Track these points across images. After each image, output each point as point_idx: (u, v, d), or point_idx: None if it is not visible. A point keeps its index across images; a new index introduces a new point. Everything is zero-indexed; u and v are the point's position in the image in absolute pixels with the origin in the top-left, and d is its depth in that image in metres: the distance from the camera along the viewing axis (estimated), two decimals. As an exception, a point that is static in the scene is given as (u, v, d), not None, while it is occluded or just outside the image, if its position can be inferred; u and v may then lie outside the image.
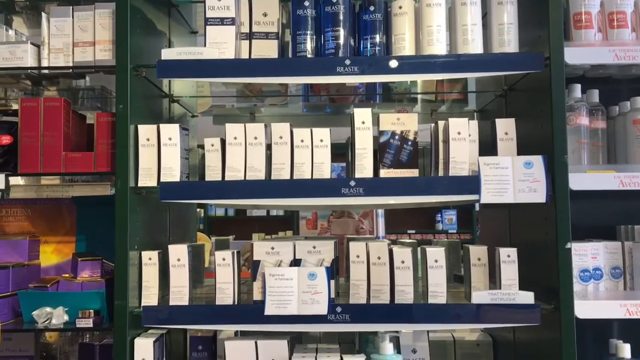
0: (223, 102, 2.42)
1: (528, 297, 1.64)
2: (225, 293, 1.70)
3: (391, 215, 5.81)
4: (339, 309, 1.66)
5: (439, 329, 1.76)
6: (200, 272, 2.10)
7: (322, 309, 1.66)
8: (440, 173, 1.74)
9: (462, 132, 1.70)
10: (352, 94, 2.34)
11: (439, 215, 7.01)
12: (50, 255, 1.99)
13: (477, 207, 6.89)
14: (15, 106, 1.92)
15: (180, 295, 1.71)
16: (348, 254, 1.93)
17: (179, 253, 1.73)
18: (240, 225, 6.83)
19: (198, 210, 5.82)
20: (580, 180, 1.64)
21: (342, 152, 1.94)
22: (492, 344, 2.15)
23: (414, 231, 6.75)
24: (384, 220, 5.36)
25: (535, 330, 1.69)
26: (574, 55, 1.66)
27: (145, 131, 1.74)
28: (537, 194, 1.64)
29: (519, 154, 1.71)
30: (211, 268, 2.21)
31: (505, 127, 1.73)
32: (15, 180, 2.41)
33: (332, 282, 1.69)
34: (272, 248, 1.72)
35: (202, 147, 2.01)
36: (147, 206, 1.83)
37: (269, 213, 7.03)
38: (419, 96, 2.37)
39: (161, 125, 1.75)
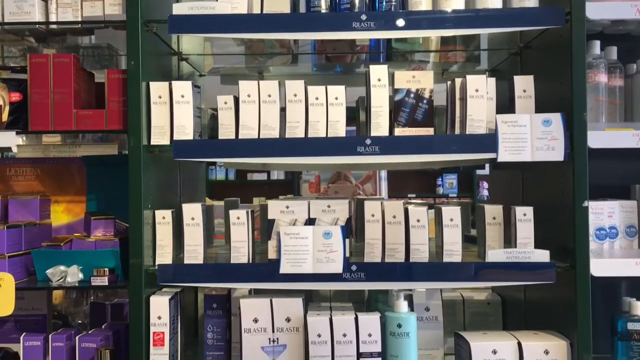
0: (224, 64, 2.37)
1: (544, 256, 1.65)
2: (240, 252, 1.70)
3: (392, 178, 5.81)
4: (354, 268, 1.66)
5: (453, 287, 1.77)
6: (211, 231, 2.09)
7: (338, 267, 1.66)
8: (457, 132, 1.72)
9: (480, 89, 1.68)
10: (354, 52, 2.29)
11: (440, 179, 7.01)
12: (61, 214, 1.98)
13: (478, 172, 6.90)
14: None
15: (194, 254, 1.70)
16: (355, 216, 1.93)
17: (193, 212, 1.71)
18: (240, 190, 6.82)
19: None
20: (599, 138, 1.63)
21: (352, 115, 1.91)
22: (501, 303, 2.17)
23: (414, 195, 6.76)
24: (387, 184, 5.36)
25: (547, 289, 1.69)
26: (596, 11, 1.62)
27: (157, 88, 1.71)
28: (555, 152, 1.63)
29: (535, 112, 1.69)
30: (216, 231, 2.21)
31: (524, 84, 1.70)
32: (17, 140, 2.38)
33: (347, 241, 1.69)
34: (287, 207, 1.71)
35: (211, 108, 1.99)
36: (160, 165, 1.81)
37: (270, 177, 7.03)
38: (431, 55, 2.33)
39: (173, 83, 1.72)
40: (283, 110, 1.73)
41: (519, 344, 1.66)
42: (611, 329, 1.72)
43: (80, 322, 2.38)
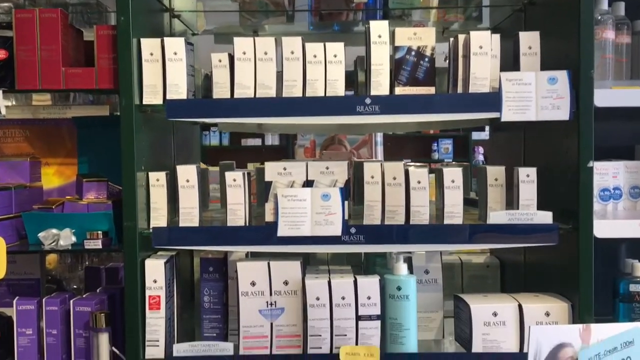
0: (218, 24, 2.30)
1: (546, 217, 1.62)
2: (237, 215, 1.66)
3: (387, 143, 5.78)
4: (353, 230, 1.63)
5: (454, 250, 1.74)
6: (206, 195, 2.05)
7: (336, 230, 1.63)
8: (459, 90, 1.67)
9: (484, 46, 1.62)
10: (350, 9, 2.21)
11: (435, 144, 6.99)
12: (52, 177, 1.93)
13: (474, 137, 6.87)
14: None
15: (190, 216, 1.66)
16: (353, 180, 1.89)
17: (187, 174, 1.67)
18: (234, 155, 6.71)
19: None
20: (605, 96, 1.58)
21: (350, 78, 1.85)
22: (500, 267, 2.15)
23: (409, 160, 6.70)
24: (383, 149, 5.31)
25: (548, 251, 1.67)
26: (604, -37, 1.56)
27: (149, 45, 1.64)
28: (560, 111, 1.58)
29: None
30: (211, 196, 2.17)
31: (529, 41, 1.64)
32: (4, 101, 2.31)
33: (346, 203, 1.65)
34: (284, 169, 1.66)
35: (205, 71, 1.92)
36: (152, 127, 1.76)
37: (264, 142, 6.97)
38: (430, 14, 2.26)
39: (165, 39, 1.65)
40: (280, 72, 1.67)
41: (520, 306, 1.64)
42: (612, 291, 1.71)
43: (75, 287, 2.35)
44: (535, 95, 1.58)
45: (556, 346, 1.14)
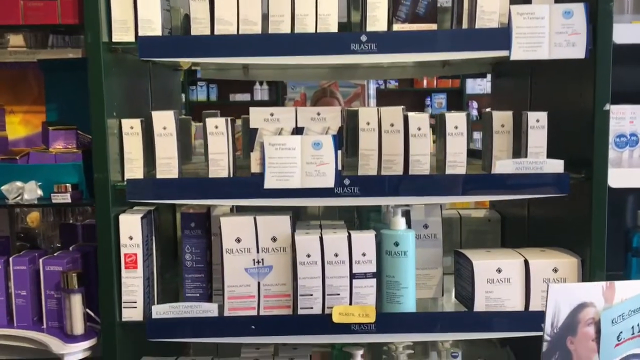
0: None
1: (557, 166, 1.49)
2: (220, 165, 1.52)
3: (380, 98, 5.61)
4: (347, 182, 1.49)
5: (456, 202, 1.61)
6: (188, 147, 1.90)
7: (329, 181, 1.49)
8: (465, 27, 1.51)
9: (493, -25, 1.46)
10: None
11: (429, 99, 6.81)
12: (18, 126, 1.77)
13: (468, 91, 6.70)
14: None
15: (168, 167, 1.52)
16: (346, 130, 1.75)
17: (164, 120, 1.51)
18: (223, 111, 6.50)
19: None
20: (624, 31, 1.44)
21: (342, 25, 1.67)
22: (501, 221, 2.04)
23: (403, 115, 6.55)
24: (375, 102, 5.15)
25: (554, 204, 1.55)
26: None
27: (118, -24, 1.47)
28: (575, 48, 1.43)
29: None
30: (196, 152, 2.02)
31: (543, -30, 1.48)
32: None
33: (339, 152, 1.51)
34: (272, 114, 1.51)
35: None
36: (125, 69, 1.59)
37: (253, 97, 6.78)
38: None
39: (136, -31, 1.47)
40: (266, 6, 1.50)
41: (526, 262, 1.52)
42: (625, 245, 1.59)
43: (58, 245, 2.20)
44: (548, 30, 1.43)
45: (577, 306, 1.02)
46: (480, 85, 6.74)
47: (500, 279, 1.52)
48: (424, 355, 1.88)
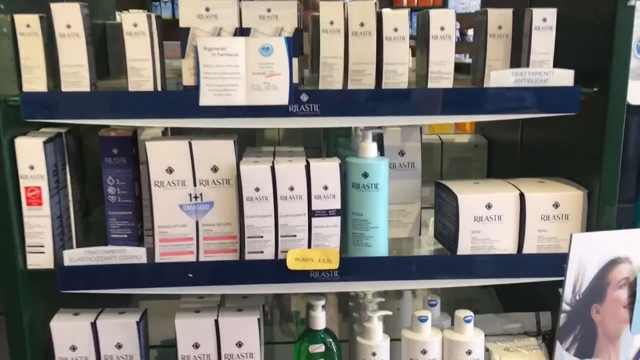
0: None
1: (566, 77, 1.19)
2: (142, 75, 1.19)
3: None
4: (305, 98, 1.19)
5: (441, 123, 1.32)
6: (102, 56, 1.56)
7: (282, 96, 1.18)
8: None
9: None
10: None
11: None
12: None
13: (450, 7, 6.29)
14: None
15: (76, 78, 1.19)
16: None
17: (69, 16, 1.17)
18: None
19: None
20: None
21: None
22: (488, 147, 1.77)
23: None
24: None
25: (553, 126, 1.27)
26: None
27: None
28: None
29: None
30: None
31: None
32: None
33: (296, 61, 1.19)
34: (207, 9, 1.18)
35: None
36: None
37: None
38: None
39: None
40: None
41: (521, 196, 1.26)
42: (638, 175, 1.33)
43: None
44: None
45: (607, 263, 0.76)
46: (463, 4, 6.34)
47: (490, 216, 1.26)
48: (396, 298, 1.65)
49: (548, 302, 1.41)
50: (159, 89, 1.21)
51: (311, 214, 1.24)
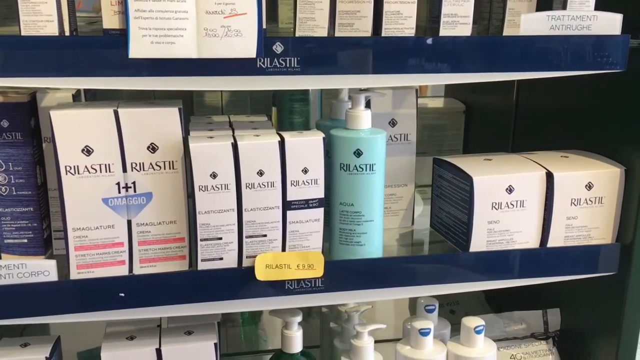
0: None
1: (613, 22, 0.94)
2: (43, 15, 0.81)
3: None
4: (278, 48, 0.86)
5: (457, 82, 1.02)
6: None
7: (247, 46, 0.84)
8: None
9: None
10: None
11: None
12: None
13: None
14: None
15: (-64, 15, 0.79)
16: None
17: None
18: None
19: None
20: None
21: None
22: (465, 112, 1.52)
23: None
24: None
25: (571, 86, 1.02)
26: None
27: None
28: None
29: None
30: None
31: None
32: None
33: (264, 1, 0.86)
34: None
35: None
36: None
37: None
38: None
39: None
40: None
41: (549, 175, 1.00)
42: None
43: None
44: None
45: None
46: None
47: (512, 202, 1.00)
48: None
49: (548, 298, 1.19)
50: (67, 33, 0.84)
51: (286, 206, 0.92)
